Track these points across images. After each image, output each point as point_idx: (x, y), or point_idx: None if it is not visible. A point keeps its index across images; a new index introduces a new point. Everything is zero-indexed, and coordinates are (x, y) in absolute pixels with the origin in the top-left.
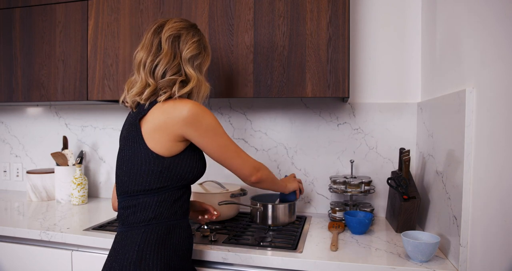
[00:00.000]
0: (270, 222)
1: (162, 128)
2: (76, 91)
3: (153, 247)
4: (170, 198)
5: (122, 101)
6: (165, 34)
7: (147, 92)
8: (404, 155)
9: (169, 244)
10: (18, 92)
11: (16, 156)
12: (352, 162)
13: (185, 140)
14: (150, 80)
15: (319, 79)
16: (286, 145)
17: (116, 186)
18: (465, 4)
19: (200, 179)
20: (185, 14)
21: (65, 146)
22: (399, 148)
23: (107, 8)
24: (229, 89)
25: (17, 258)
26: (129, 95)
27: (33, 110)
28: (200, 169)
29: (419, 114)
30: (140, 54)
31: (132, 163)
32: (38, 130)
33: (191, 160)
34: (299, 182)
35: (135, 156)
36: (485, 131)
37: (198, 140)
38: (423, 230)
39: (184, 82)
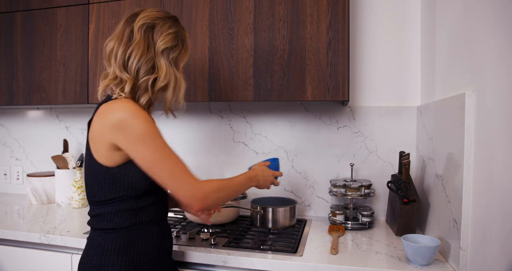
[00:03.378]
0: (270, 225)
1: (97, 135)
2: (76, 94)
3: (114, 254)
4: (130, 208)
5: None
6: (138, 23)
7: (127, 87)
8: (404, 158)
9: (132, 251)
10: (19, 96)
11: (17, 159)
12: (352, 165)
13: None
14: (125, 75)
15: (319, 83)
16: (286, 148)
17: None
18: (464, 9)
19: None
20: (185, 18)
21: (66, 149)
22: (399, 151)
23: (108, 12)
24: (229, 93)
25: (17, 261)
26: (99, 93)
27: (34, 114)
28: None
29: (419, 118)
30: (110, 44)
31: (87, 174)
32: (39, 133)
33: (139, 169)
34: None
35: (87, 166)
36: (484, 135)
37: (127, 148)
38: (423, 234)
39: (156, 80)
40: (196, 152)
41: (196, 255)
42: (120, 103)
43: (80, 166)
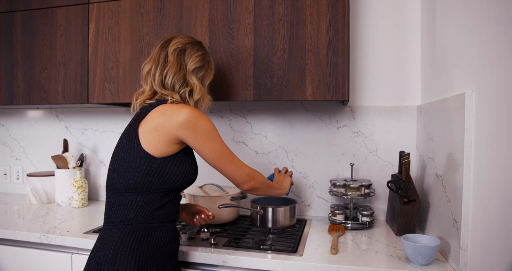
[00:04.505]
0: (270, 225)
1: (159, 129)
2: (76, 94)
3: (129, 247)
4: (155, 201)
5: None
6: (171, 48)
7: (176, 96)
8: (404, 158)
9: (146, 245)
10: (18, 95)
11: (17, 159)
12: (352, 165)
13: (180, 143)
14: (164, 91)
15: (319, 83)
16: (286, 148)
17: (106, 182)
18: (464, 8)
19: (200, 181)
20: (185, 18)
21: (66, 148)
22: (399, 151)
23: (108, 11)
24: (230, 93)
25: (17, 261)
26: (137, 103)
27: (34, 113)
28: (189, 174)
29: (419, 118)
30: (147, 66)
31: (123, 160)
32: (39, 133)
33: (181, 164)
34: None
35: (127, 153)
36: (484, 135)
37: (194, 143)
38: (423, 233)
39: (191, 92)
40: None
41: (196, 255)
42: (185, 107)
43: (80, 166)
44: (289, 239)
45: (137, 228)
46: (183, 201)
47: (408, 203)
